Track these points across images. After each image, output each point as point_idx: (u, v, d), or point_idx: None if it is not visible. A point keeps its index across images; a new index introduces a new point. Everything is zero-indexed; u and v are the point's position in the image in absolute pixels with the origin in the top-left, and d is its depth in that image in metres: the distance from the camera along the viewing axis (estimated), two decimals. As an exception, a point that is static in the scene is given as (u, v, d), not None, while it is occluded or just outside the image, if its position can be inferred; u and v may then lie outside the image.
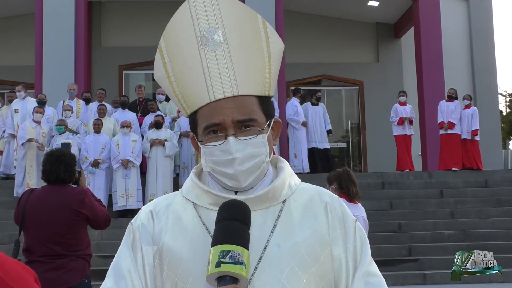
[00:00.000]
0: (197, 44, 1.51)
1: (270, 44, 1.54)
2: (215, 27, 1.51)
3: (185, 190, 1.58)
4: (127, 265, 1.51)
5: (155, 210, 1.56)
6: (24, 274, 1.35)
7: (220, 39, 1.50)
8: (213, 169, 1.51)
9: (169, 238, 1.51)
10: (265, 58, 1.53)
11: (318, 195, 1.57)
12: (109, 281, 1.51)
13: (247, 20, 1.54)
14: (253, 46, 1.53)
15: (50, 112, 12.64)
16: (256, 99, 1.51)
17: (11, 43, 17.52)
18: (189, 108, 1.53)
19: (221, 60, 1.49)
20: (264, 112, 1.52)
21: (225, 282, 1.35)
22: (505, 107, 34.87)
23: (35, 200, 4.56)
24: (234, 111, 1.47)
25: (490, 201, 12.60)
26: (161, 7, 17.57)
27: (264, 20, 1.56)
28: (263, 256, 1.45)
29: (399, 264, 10.39)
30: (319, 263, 1.48)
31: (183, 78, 1.52)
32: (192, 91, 1.51)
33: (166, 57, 1.55)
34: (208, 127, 1.49)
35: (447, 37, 16.69)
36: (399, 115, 14.36)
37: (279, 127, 1.59)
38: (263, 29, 1.55)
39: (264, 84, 1.53)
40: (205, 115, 1.49)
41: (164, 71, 1.55)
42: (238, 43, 1.51)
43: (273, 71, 1.54)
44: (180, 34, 1.54)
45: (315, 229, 1.51)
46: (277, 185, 1.53)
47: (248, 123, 1.48)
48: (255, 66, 1.52)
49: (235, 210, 1.42)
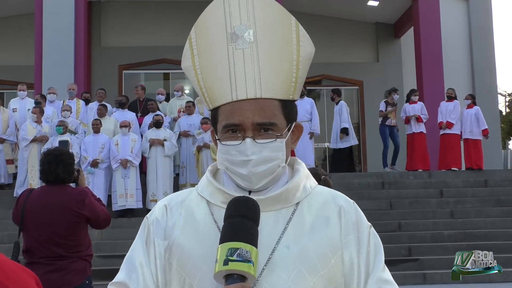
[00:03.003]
0: (226, 40, 1.50)
1: (300, 47, 1.52)
2: (247, 25, 1.49)
3: (200, 187, 1.58)
4: (140, 259, 1.52)
5: (169, 205, 1.57)
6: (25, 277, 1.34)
7: (250, 38, 1.49)
8: (227, 168, 1.50)
9: (180, 233, 1.52)
10: (293, 62, 1.51)
11: (333, 199, 1.56)
12: (122, 273, 1.53)
13: (280, 22, 1.52)
14: (282, 49, 1.51)
15: (49, 112, 12.63)
16: (278, 103, 1.50)
17: (11, 43, 17.51)
18: (212, 103, 1.53)
19: (248, 60, 1.48)
20: (286, 116, 1.51)
21: (233, 280, 1.34)
22: (505, 107, 34.88)
23: (35, 201, 4.50)
24: (255, 114, 1.46)
25: (490, 201, 12.60)
26: (161, 7, 17.59)
27: (298, 23, 1.53)
28: (271, 257, 1.44)
29: (399, 264, 10.38)
30: (328, 267, 1.47)
31: (209, 72, 1.51)
32: (215, 87, 1.50)
33: (195, 49, 1.54)
34: (228, 126, 1.49)
35: (447, 37, 16.69)
36: (406, 114, 14.35)
37: (300, 131, 1.59)
38: (295, 32, 1.52)
39: (289, 88, 1.51)
40: (226, 114, 1.49)
41: (192, 62, 1.54)
42: (267, 44, 1.49)
43: (300, 75, 1.52)
44: (211, 27, 1.52)
45: (327, 233, 1.49)
46: (291, 187, 1.52)
47: (268, 126, 1.48)
48: (282, 70, 1.50)
49: (244, 207, 1.41)
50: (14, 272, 1.32)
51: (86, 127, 12.62)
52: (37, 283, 1.37)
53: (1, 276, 1.28)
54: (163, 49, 16.75)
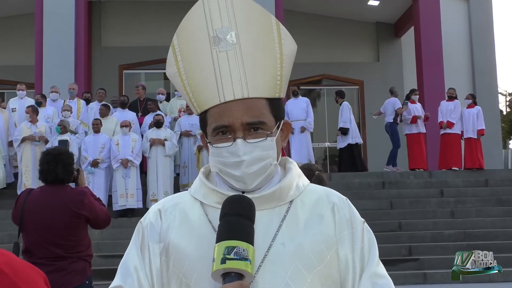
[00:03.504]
0: (209, 44, 1.51)
1: (282, 46, 1.54)
2: (228, 28, 1.51)
3: (193, 189, 1.60)
4: (134, 263, 1.54)
5: (163, 209, 1.58)
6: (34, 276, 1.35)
7: (232, 40, 1.50)
8: (220, 170, 1.52)
9: (176, 235, 1.53)
10: (277, 60, 1.53)
11: (326, 196, 1.57)
12: (117, 279, 1.54)
13: (260, 21, 1.54)
14: (265, 48, 1.53)
15: (50, 112, 12.64)
16: (266, 102, 1.51)
17: (11, 43, 17.52)
18: (200, 107, 1.54)
19: (233, 61, 1.49)
20: (274, 115, 1.53)
21: (231, 278, 1.34)
22: (505, 107, 34.88)
23: (34, 201, 4.48)
24: (243, 114, 1.47)
25: (490, 201, 12.60)
26: (161, 7, 17.59)
27: (278, 21, 1.55)
28: (267, 255, 1.46)
29: (399, 263, 10.38)
30: (324, 263, 1.48)
31: (194, 77, 1.53)
32: (202, 91, 1.52)
33: (179, 55, 1.55)
34: (217, 129, 1.50)
35: (447, 37, 16.68)
36: (411, 114, 14.35)
37: (288, 129, 1.60)
38: (276, 30, 1.54)
39: (275, 86, 1.53)
40: (215, 116, 1.50)
41: (176, 68, 1.56)
42: (250, 44, 1.51)
43: (285, 73, 1.54)
44: (193, 32, 1.54)
45: (321, 229, 1.51)
46: (284, 186, 1.53)
47: (257, 125, 1.49)
48: (266, 68, 1.52)
49: (239, 205, 1.42)
50: (24, 270, 1.33)
51: (86, 126, 12.62)
52: (45, 282, 1.37)
53: (12, 275, 1.28)
54: (163, 49, 16.41)
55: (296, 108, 13.60)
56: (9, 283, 1.27)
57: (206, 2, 1.54)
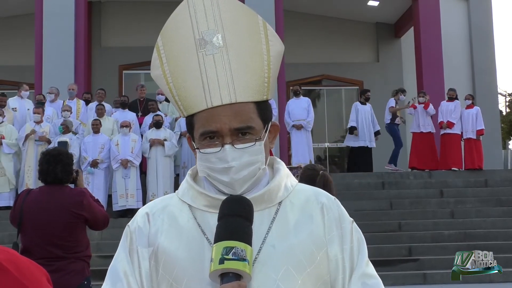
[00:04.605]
0: (195, 46, 1.48)
1: (270, 46, 1.51)
2: (214, 30, 1.48)
3: (181, 192, 1.57)
4: (123, 268, 1.51)
5: (151, 212, 1.56)
6: (38, 274, 1.35)
7: (219, 43, 1.47)
8: (208, 175, 1.50)
9: (165, 239, 1.50)
10: (264, 62, 1.50)
11: (315, 196, 1.56)
12: (106, 283, 1.52)
13: (247, 23, 1.51)
14: (252, 49, 1.49)
15: (49, 112, 12.64)
16: (254, 105, 1.48)
17: (11, 43, 17.51)
18: (186, 110, 1.51)
19: (220, 65, 1.46)
20: (262, 118, 1.50)
21: (228, 278, 1.34)
22: (505, 107, 34.86)
23: (33, 201, 4.48)
24: (231, 119, 1.45)
25: (490, 201, 12.60)
26: (161, 7, 17.54)
27: (265, 22, 1.52)
28: (257, 257, 1.44)
29: (399, 264, 10.38)
30: (314, 264, 1.47)
31: (180, 80, 1.50)
32: (188, 95, 1.49)
33: (164, 57, 1.52)
34: (205, 134, 1.47)
35: (447, 37, 16.69)
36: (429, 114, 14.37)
37: (276, 130, 1.57)
38: (263, 31, 1.51)
39: (262, 88, 1.50)
40: (202, 121, 1.47)
41: (161, 70, 1.53)
42: (237, 47, 1.48)
43: (272, 74, 1.51)
44: (178, 34, 1.51)
45: (311, 230, 1.50)
46: (273, 187, 1.52)
47: (246, 130, 1.47)
48: (254, 71, 1.49)
49: (238, 205, 1.41)
50: (28, 268, 1.33)
51: (85, 127, 12.62)
52: (48, 280, 1.37)
53: (17, 273, 1.28)
54: (163, 49, 16.71)
55: (298, 107, 13.66)
56: (13, 280, 1.26)
57: (191, 3, 1.51)
